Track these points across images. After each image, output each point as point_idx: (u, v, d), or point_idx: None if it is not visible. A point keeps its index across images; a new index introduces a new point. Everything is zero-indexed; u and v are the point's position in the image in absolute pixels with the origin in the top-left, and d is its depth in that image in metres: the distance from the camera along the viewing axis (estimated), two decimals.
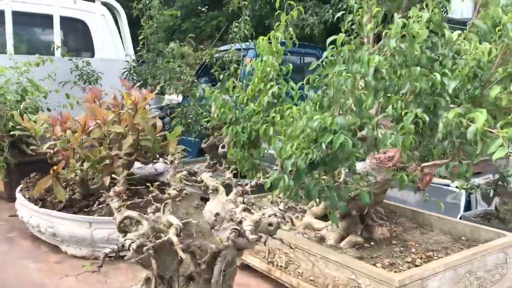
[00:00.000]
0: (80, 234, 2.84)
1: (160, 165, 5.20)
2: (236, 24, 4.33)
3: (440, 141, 1.98)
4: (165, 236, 1.39)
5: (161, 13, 4.79)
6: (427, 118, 1.91)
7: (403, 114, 1.98)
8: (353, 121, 1.87)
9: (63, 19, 6.09)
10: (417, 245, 2.58)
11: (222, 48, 7.60)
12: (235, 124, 3.09)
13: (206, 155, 4.41)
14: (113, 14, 6.63)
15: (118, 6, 6.55)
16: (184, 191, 1.54)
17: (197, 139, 4.58)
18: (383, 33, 2.44)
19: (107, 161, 2.93)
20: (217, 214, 1.67)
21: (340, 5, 12.84)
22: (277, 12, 3.08)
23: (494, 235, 2.58)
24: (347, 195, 2.10)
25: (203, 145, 4.23)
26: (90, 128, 3.00)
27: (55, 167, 2.86)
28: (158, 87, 4.29)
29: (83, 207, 2.99)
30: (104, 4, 6.49)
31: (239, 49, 6.53)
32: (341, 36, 2.20)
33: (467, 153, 1.92)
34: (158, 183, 1.77)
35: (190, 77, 4.49)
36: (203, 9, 14.15)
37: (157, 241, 1.33)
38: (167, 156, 4.17)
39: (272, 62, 2.99)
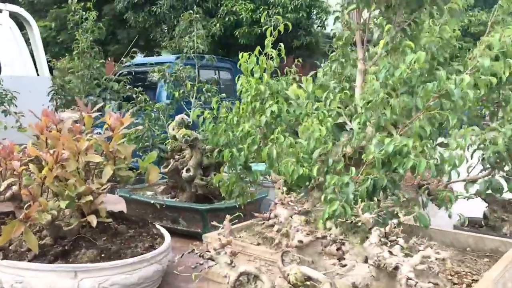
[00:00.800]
0: (62, 286, 2.38)
1: None
2: (189, 37, 4.06)
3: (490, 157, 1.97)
4: None
5: (98, 26, 4.33)
6: None
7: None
8: (423, 143, 1.78)
9: None
10: None
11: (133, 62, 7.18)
12: (229, 147, 2.84)
13: (165, 180, 4.07)
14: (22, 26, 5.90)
15: (29, 17, 5.84)
16: (326, 239, 1.31)
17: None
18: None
19: (90, 197, 2.51)
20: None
21: (227, 18, 12.99)
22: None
23: (499, 244, 2.67)
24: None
25: (163, 170, 3.88)
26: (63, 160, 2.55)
27: (27, 212, 2.37)
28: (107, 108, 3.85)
29: (59, 254, 2.52)
30: (12, 15, 5.74)
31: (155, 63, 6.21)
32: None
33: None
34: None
35: (143, 96, 4.11)
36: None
37: None
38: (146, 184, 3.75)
39: (268, 80, 2.82)
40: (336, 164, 2.16)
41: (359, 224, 1.47)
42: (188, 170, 3.78)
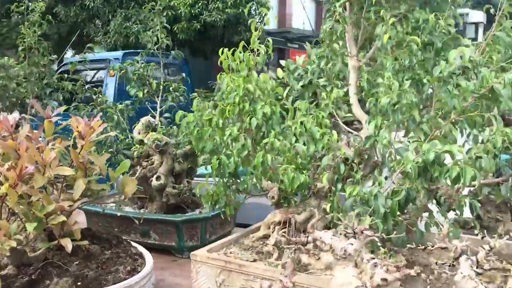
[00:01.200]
0: None
1: None
2: (152, 32, 3.72)
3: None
4: None
5: (47, 19, 3.87)
6: None
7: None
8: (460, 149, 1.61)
9: None
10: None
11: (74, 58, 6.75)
12: (217, 153, 2.56)
13: None
14: None
15: None
16: (420, 276, 1.08)
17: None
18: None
19: (62, 217, 2.15)
20: None
21: (165, 13, 12.61)
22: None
23: (502, 246, 2.59)
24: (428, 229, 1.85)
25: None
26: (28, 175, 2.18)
27: None
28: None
29: (25, 285, 2.15)
30: None
31: (98, 60, 5.80)
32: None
33: None
34: None
35: (104, 97, 3.71)
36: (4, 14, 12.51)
37: None
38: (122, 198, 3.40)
39: (257, 79, 2.58)
40: (352, 173, 1.96)
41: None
42: (158, 178, 3.45)
